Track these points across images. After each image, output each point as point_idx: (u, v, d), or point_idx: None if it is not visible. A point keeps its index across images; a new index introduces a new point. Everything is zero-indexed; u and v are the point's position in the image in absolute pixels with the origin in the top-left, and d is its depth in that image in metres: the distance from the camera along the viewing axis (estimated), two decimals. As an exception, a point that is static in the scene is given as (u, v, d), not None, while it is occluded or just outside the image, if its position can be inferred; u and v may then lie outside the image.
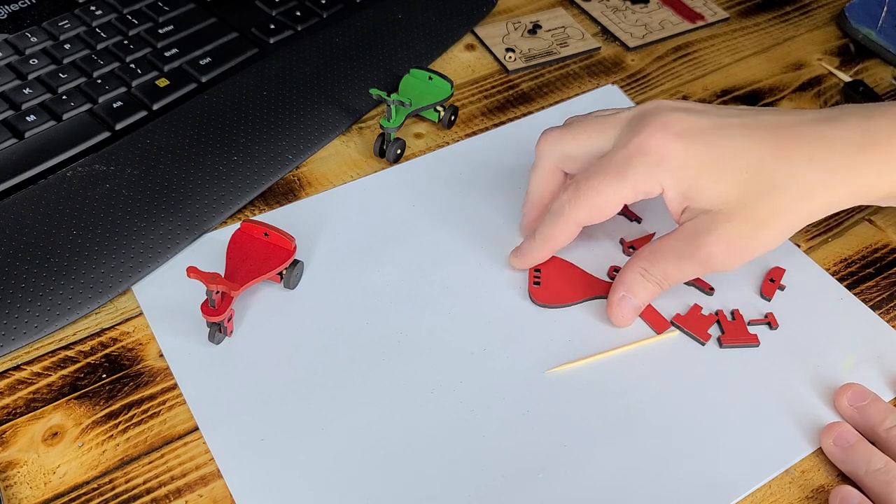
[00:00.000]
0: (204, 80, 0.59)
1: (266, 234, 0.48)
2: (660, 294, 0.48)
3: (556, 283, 0.50)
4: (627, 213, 0.54)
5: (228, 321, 0.46)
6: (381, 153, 0.57)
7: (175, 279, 0.49)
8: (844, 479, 0.43)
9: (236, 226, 0.49)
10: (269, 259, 0.48)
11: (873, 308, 0.50)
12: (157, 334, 0.47)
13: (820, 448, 0.44)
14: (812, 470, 0.44)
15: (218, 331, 0.46)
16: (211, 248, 0.51)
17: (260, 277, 0.47)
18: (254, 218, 0.49)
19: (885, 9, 0.68)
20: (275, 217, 0.53)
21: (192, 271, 0.45)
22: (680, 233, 0.46)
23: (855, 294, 0.51)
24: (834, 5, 0.73)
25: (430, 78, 0.59)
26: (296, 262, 0.49)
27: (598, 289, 0.50)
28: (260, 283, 0.49)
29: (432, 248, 0.52)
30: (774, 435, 0.44)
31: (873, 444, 0.44)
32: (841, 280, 0.52)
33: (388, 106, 0.55)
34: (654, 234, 0.53)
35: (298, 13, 0.65)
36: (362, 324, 0.48)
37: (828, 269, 0.52)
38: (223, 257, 0.48)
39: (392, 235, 0.53)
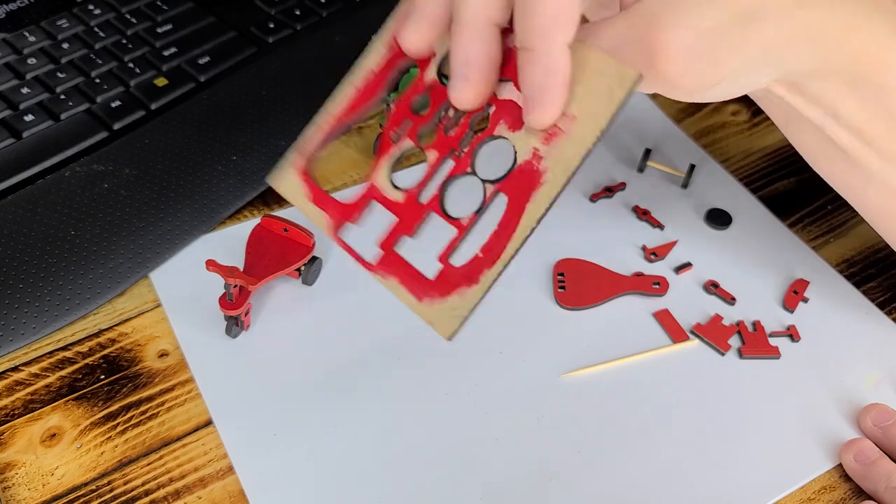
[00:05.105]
0: (203, 79, 0.59)
1: (286, 230, 0.48)
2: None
3: (580, 286, 0.50)
4: (650, 219, 0.54)
5: (246, 315, 0.46)
6: (381, 153, 0.57)
7: (193, 272, 0.49)
8: (862, 496, 0.42)
9: (256, 220, 0.49)
10: (288, 255, 0.48)
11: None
12: (174, 326, 0.47)
13: (838, 464, 0.43)
14: (830, 487, 0.43)
15: (235, 325, 0.46)
16: (223, 243, 0.51)
17: (278, 273, 0.47)
18: (274, 214, 0.49)
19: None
20: (294, 214, 0.53)
21: (211, 264, 0.44)
22: (633, 12, 0.33)
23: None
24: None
25: (430, 77, 0.59)
26: (314, 258, 0.49)
27: (624, 286, 0.50)
28: (278, 279, 0.49)
29: None
30: (792, 449, 0.44)
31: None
32: (843, 280, 0.52)
33: (389, 106, 0.55)
34: (676, 241, 0.53)
35: (298, 12, 0.64)
36: (378, 322, 0.48)
37: (830, 270, 0.52)
38: (233, 252, 0.48)
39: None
